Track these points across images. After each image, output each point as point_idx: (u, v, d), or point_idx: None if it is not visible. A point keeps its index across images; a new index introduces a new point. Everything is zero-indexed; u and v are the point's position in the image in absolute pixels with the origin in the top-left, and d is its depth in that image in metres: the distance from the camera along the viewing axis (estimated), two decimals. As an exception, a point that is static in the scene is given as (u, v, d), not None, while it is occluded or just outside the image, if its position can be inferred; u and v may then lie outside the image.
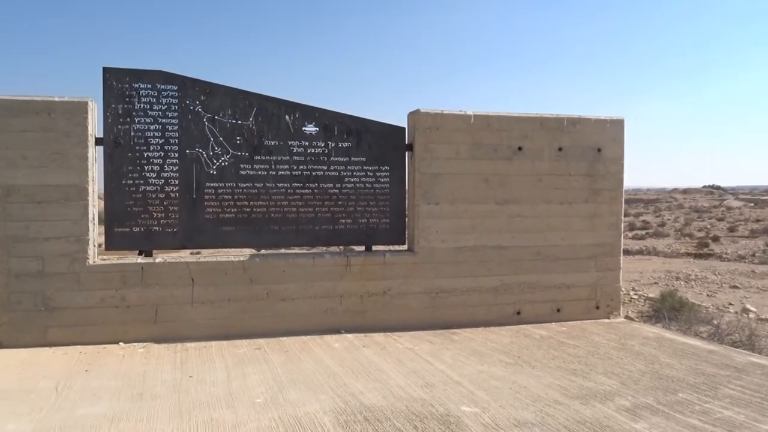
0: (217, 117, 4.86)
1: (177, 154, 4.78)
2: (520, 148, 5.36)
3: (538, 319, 5.40)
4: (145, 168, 4.72)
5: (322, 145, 5.06)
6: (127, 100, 4.68)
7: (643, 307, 11.09)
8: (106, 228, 4.68)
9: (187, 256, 5.23)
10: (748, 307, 11.33)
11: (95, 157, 4.66)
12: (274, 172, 4.97)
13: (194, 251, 8.01)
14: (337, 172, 5.10)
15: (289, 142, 5.00)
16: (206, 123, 4.84)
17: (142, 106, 4.71)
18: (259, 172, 4.94)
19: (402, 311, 5.12)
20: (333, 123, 5.09)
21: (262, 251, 5.45)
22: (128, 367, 3.97)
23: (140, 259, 4.70)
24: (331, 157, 5.08)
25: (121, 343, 4.54)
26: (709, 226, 35.68)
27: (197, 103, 4.82)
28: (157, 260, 4.71)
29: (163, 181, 4.76)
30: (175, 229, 4.79)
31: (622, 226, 5.70)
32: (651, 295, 12.24)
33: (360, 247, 5.33)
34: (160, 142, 4.75)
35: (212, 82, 4.88)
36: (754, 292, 13.60)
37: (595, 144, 5.56)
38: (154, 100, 4.73)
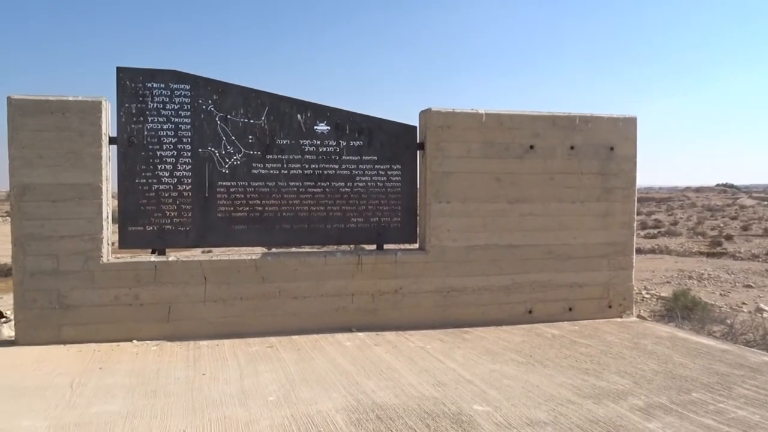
0: (229, 116, 4.88)
1: (190, 153, 4.81)
2: (531, 147, 5.34)
3: (549, 318, 5.38)
4: (158, 167, 4.75)
5: (334, 144, 5.07)
6: (141, 99, 4.71)
7: (656, 307, 11.03)
8: (120, 227, 4.71)
9: (200, 254, 5.25)
10: (762, 306, 11.23)
11: (109, 156, 4.70)
12: (286, 171, 4.99)
13: (206, 250, 8.05)
14: (348, 171, 5.10)
15: (301, 141, 5.01)
16: (218, 122, 4.86)
17: (155, 105, 4.74)
18: (271, 171, 4.96)
19: (413, 310, 5.13)
20: (344, 122, 5.10)
21: (274, 250, 5.47)
22: (142, 365, 4.00)
23: (153, 258, 4.74)
24: (343, 156, 5.09)
25: (135, 341, 4.58)
26: (722, 225, 35.40)
27: (210, 102, 4.84)
28: (170, 259, 4.75)
29: (176, 180, 4.79)
30: (188, 228, 4.82)
31: (634, 225, 5.67)
32: (663, 295, 12.17)
33: (371, 246, 5.33)
34: (173, 141, 4.78)
35: (225, 82, 4.90)
36: (768, 292, 13.50)
37: (608, 142, 5.53)
38: (167, 100, 4.76)
